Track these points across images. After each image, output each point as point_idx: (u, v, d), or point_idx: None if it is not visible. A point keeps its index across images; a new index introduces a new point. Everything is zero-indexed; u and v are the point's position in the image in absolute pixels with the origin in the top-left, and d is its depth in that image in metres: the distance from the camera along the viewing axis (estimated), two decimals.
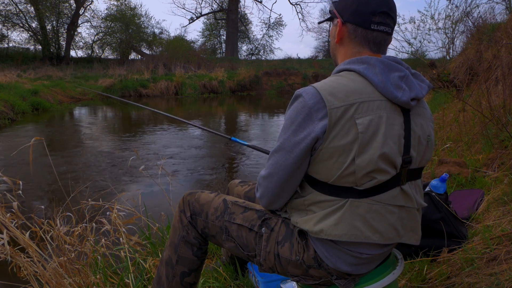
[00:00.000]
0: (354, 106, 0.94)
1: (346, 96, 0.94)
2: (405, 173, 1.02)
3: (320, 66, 21.77)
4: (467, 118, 3.77)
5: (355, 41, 1.05)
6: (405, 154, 1.00)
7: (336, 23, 1.09)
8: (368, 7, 1.01)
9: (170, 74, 17.34)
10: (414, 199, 1.05)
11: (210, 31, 28.78)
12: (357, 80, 0.98)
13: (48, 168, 4.80)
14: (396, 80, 0.98)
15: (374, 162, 0.94)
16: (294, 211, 1.11)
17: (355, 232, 0.98)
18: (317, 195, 1.03)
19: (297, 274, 1.11)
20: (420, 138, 1.03)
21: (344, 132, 0.93)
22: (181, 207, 1.33)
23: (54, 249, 1.73)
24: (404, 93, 0.98)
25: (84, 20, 24.19)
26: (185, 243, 1.30)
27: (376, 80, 0.97)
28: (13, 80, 12.61)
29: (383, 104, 0.97)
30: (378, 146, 0.94)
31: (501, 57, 3.57)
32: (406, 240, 1.06)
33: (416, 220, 1.09)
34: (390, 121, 0.96)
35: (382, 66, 0.98)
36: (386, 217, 1.01)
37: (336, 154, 0.95)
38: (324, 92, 0.95)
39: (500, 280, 1.38)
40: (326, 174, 0.98)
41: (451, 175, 2.68)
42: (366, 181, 0.97)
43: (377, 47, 1.05)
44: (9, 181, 1.64)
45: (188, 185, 4.45)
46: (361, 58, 1.01)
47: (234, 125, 9.85)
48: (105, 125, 9.22)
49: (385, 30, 1.03)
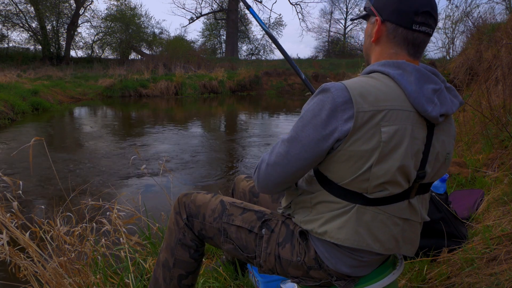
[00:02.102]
0: (382, 112, 0.89)
1: (376, 100, 0.90)
2: (416, 187, 1.00)
3: (320, 66, 21.76)
4: (467, 118, 3.77)
5: (393, 41, 0.99)
6: (420, 169, 0.97)
7: (373, 21, 1.03)
8: (411, 6, 0.95)
9: (170, 74, 17.34)
10: (419, 213, 1.04)
11: (210, 31, 28.79)
12: (390, 85, 0.93)
13: (48, 168, 4.80)
14: (430, 93, 0.93)
15: (390, 174, 0.92)
16: (298, 208, 1.09)
17: (357, 238, 0.97)
18: (325, 194, 1.01)
19: (298, 276, 1.10)
20: (438, 155, 0.99)
21: (367, 137, 0.89)
22: (176, 208, 1.30)
23: (54, 249, 1.73)
24: (434, 108, 0.93)
25: (84, 20, 24.20)
26: (181, 245, 1.27)
27: (410, 89, 0.91)
28: (13, 80, 12.60)
29: (411, 116, 0.92)
30: (398, 158, 0.91)
31: (501, 57, 3.57)
32: (403, 252, 1.05)
33: (417, 233, 1.08)
34: (414, 135, 0.92)
35: (418, 75, 0.93)
36: (390, 228, 0.99)
37: (354, 158, 0.91)
38: (354, 92, 0.89)
39: (500, 280, 1.38)
40: (339, 176, 0.96)
41: (451, 175, 2.68)
42: (378, 191, 0.94)
43: (415, 49, 0.99)
44: (9, 181, 1.64)
45: (188, 185, 4.45)
46: (397, 62, 0.95)
47: (234, 124, 9.85)
48: (105, 125, 9.22)
49: (427, 31, 0.97)
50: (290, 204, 1.13)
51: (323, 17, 31.73)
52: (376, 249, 0.99)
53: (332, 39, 31.10)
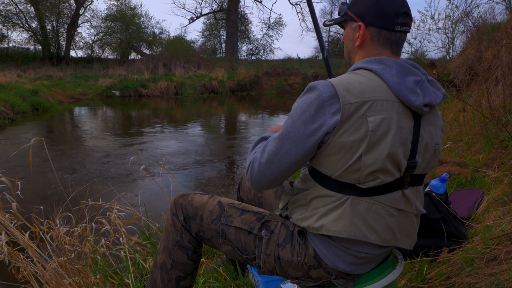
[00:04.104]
0: (367, 103, 0.94)
1: (360, 93, 0.94)
2: (408, 178, 1.03)
3: (320, 66, 21.74)
4: (467, 118, 3.77)
5: (377, 43, 1.05)
6: (410, 159, 1.00)
7: (354, 26, 1.08)
8: (391, 9, 1.01)
9: (170, 74, 17.34)
10: (414, 204, 1.06)
11: (210, 31, 28.76)
12: (373, 79, 0.98)
13: (48, 168, 4.80)
14: (411, 84, 0.98)
15: (380, 162, 0.95)
16: (295, 207, 1.10)
17: (353, 230, 0.99)
18: (319, 189, 1.03)
19: (297, 276, 1.10)
20: (427, 145, 1.03)
21: (355, 128, 0.93)
22: (173, 210, 1.28)
23: (54, 249, 1.74)
24: (417, 98, 0.98)
25: (84, 20, 24.18)
26: (179, 247, 1.26)
27: (392, 81, 0.97)
28: (13, 80, 12.59)
29: (396, 106, 0.97)
30: (387, 146, 0.94)
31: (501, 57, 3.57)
32: (401, 244, 1.06)
33: (413, 226, 1.09)
34: (400, 124, 0.97)
35: (399, 69, 0.99)
36: (385, 219, 1.01)
37: (344, 150, 0.95)
38: (339, 87, 0.94)
39: (500, 280, 1.38)
40: (331, 168, 0.98)
41: (451, 175, 2.68)
42: (370, 180, 0.97)
43: (397, 48, 1.06)
44: (8, 181, 1.64)
45: (188, 185, 4.45)
46: (379, 58, 1.01)
47: (234, 124, 9.85)
48: (105, 125, 9.22)
49: (406, 30, 1.05)
50: (287, 205, 1.14)
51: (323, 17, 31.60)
52: (373, 240, 1.00)
53: (332, 39, 31.07)
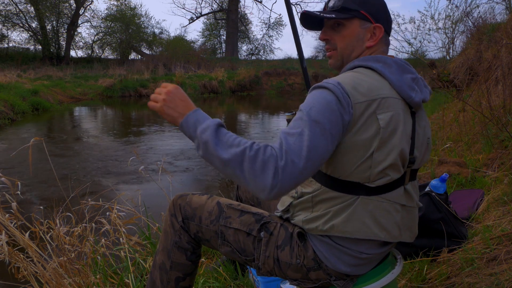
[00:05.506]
0: (376, 101, 0.94)
1: (368, 91, 0.95)
2: (409, 173, 1.05)
3: (320, 66, 21.74)
4: (467, 118, 3.77)
5: (384, 46, 1.09)
6: (410, 154, 1.03)
7: (368, 26, 1.06)
8: (390, 16, 1.10)
9: (170, 74, 17.34)
10: (414, 198, 1.08)
11: (210, 31, 28.74)
12: (375, 77, 1.00)
13: (48, 168, 4.80)
14: (409, 81, 1.01)
15: (391, 158, 0.96)
16: (298, 210, 1.09)
17: (365, 229, 0.99)
18: (325, 191, 1.02)
19: (297, 278, 1.10)
20: (422, 140, 1.07)
21: (366, 126, 0.93)
22: (171, 210, 1.27)
23: (54, 249, 1.73)
24: (417, 94, 1.01)
25: (84, 20, 24.19)
26: (178, 248, 1.25)
27: (393, 78, 0.99)
28: (13, 80, 12.60)
29: (400, 103, 0.99)
30: (397, 142, 0.96)
31: (501, 57, 3.57)
32: (404, 238, 1.08)
33: (414, 219, 1.11)
34: (405, 120, 0.99)
35: (396, 67, 1.02)
36: (392, 215, 1.02)
37: (356, 148, 0.95)
38: (348, 86, 0.94)
39: (500, 280, 1.38)
40: (340, 168, 0.97)
41: (451, 175, 2.68)
42: (379, 178, 0.97)
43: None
44: (8, 181, 1.64)
45: (188, 185, 4.45)
46: (376, 56, 1.03)
47: (234, 124, 9.85)
48: (105, 125, 9.22)
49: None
50: (288, 207, 1.13)
51: None
52: (383, 238, 1.01)
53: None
